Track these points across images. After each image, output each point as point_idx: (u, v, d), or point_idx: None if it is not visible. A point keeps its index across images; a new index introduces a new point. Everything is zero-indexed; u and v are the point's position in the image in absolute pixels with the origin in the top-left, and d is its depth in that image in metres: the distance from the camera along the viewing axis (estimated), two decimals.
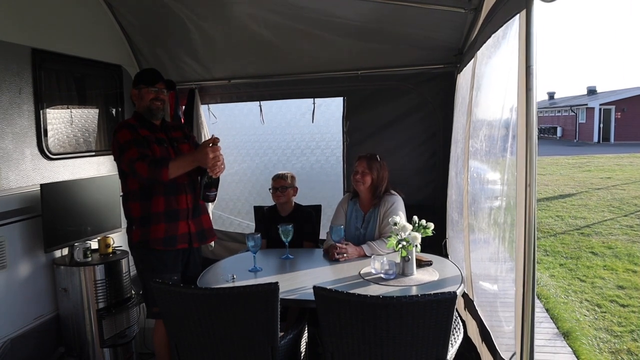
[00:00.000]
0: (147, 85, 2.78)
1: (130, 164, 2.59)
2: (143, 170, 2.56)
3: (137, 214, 2.73)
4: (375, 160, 3.18)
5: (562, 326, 4.20)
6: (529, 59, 1.61)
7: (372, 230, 3.18)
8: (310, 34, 3.77)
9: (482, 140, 2.59)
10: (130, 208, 2.76)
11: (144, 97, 2.78)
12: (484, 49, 2.50)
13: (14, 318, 3.03)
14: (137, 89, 2.80)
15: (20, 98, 3.10)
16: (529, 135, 1.63)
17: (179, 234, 2.75)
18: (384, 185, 3.20)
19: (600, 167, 15.70)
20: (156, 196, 2.71)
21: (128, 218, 2.80)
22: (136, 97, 2.81)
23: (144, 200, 2.72)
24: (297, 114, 4.50)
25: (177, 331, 2.27)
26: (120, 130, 2.69)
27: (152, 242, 2.68)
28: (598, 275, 5.58)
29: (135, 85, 2.82)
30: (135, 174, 2.61)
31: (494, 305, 2.49)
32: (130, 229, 2.77)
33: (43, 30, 3.30)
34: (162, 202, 2.72)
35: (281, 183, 3.44)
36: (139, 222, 2.72)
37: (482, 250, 2.68)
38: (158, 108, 2.80)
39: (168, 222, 2.71)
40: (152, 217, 2.70)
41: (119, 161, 2.72)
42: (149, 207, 2.71)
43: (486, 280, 2.65)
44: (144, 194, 2.72)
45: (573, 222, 8.31)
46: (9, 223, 2.99)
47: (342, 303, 2.01)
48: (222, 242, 4.62)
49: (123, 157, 2.64)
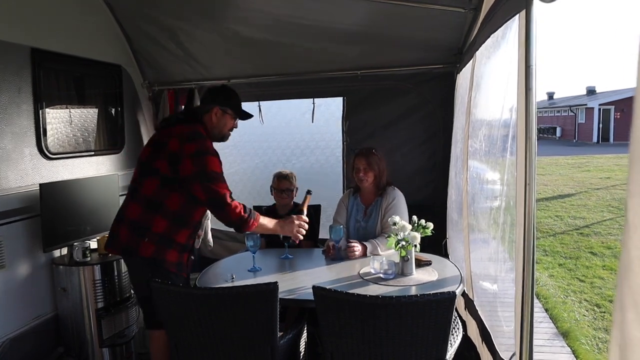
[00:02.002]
0: (235, 115, 2.71)
1: (221, 198, 2.44)
2: (235, 211, 2.46)
3: (158, 231, 2.48)
4: (372, 154, 3.20)
5: (561, 326, 4.20)
6: (528, 59, 1.61)
7: (373, 224, 3.20)
8: (309, 34, 3.77)
9: (482, 140, 2.59)
10: (154, 221, 2.48)
11: (226, 123, 2.69)
12: (483, 49, 2.50)
13: (13, 318, 3.02)
14: (223, 110, 2.65)
15: (20, 97, 3.10)
16: (528, 135, 1.63)
17: (184, 263, 2.65)
18: (385, 176, 3.24)
19: (599, 167, 15.71)
20: (185, 229, 2.57)
21: (142, 228, 2.49)
22: (216, 116, 2.65)
23: (174, 224, 2.52)
24: (296, 114, 4.50)
25: (176, 331, 2.27)
26: (213, 158, 2.48)
27: (166, 264, 2.52)
28: (597, 275, 5.59)
29: (222, 104, 2.66)
30: (218, 208, 2.46)
31: (494, 305, 2.49)
32: (141, 240, 2.48)
33: (42, 29, 3.29)
34: (186, 235, 2.59)
35: (286, 185, 3.45)
36: (157, 239, 2.48)
37: (482, 250, 2.68)
38: (227, 137, 2.77)
39: (180, 252, 2.59)
40: (172, 243, 2.53)
41: (193, 181, 2.44)
42: (173, 233, 2.52)
43: (486, 280, 2.65)
44: (177, 219, 2.52)
45: (572, 222, 8.31)
46: (8, 223, 2.98)
47: (342, 303, 2.01)
48: (222, 241, 4.61)
49: (210, 185, 2.43)
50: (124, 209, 2.61)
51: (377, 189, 3.24)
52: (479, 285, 2.77)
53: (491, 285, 2.57)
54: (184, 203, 2.51)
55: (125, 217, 2.57)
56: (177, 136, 2.48)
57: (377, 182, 3.22)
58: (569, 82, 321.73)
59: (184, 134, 2.48)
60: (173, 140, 2.47)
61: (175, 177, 2.46)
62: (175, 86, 4.41)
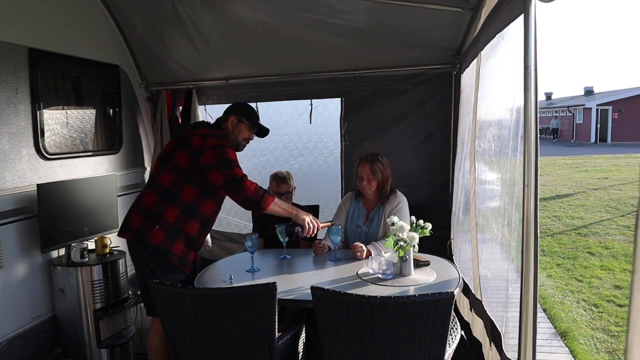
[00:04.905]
0: (250, 124, 2.94)
1: (239, 178, 2.65)
2: (251, 187, 2.66)
3: (170, 219, 2.67)
4: (377, 161, 3.14)
5: (559, 326, 4.21)
6: (527, 59, 1.61)
7: (375, 229, 3.17)
8: (308, 35, 3.77)
9: (490, 140, 2.58)
10: (166, 209, 2.68)
11: (241, 131, 2.92)
12: (489, 49, 2.50)
13: (11, 319, 3.01)
14: (238, 119, 2.91)
15: (17, 98, 3.09)
16: (527, 135, 1.63)
17: (188, 259, 2.79)
18: (390, 183, 3.20)
19: (597, 167, 15.74)
20: (195, 221, 2.74)
21: (154, 214, 2.67)
22: (232, 124, 2.91)
23: (186, 214, 2.70)
24: (294, 115, 4.49)
25: (174, 332, 2.26)
26: (231, 150, 2.75)
27: (171, 255, 2.68)
28: (595, 275, 5.60)
29: (239, 115, 2.92)
30: (235, 189, 2.65)
31: (503, 306, 2.48)
32: (151, 227, 2.66)
33: (40, 29, 3.28)
34: (196, 228, 2.75)
35: (285, 189, 3.44)
36: (168, 227, 2.67)
37: (489, 250, 2.68)
38: (242, 147, 2.98)
39: (188, 246, 2.75)
40: (180, 234, 2.70)
41: (212, 169, 2.65)
42: (184, 224, 2.70)
43: (495, 280, 2.64)
44: (189, 209, 2.71)
45: (570, 222, 8.33)
46: (6, 223, 2.97)
47: (340, 303, 2.01)
48: (220, 242, 4.61)
49: (228, 171, 2.65)
50: (142, 196, 2.81)
51: (380, 196, 3.20)
52: (487, 285, 2.76)
53: (498, 286, 2.56)
54: (197, 194, 2.72)
55: (140, 203, 2.76)
56: (200, 134, 2.77)
57: (381, 189, 3.18)
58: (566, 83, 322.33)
59: (205, 133, 2.79)
60: (196, 138, 2.74)
61: (192, 170, 2.68)
62: (173, 86, 4.40)
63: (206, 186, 2.72)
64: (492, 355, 2.49)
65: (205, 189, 2.73)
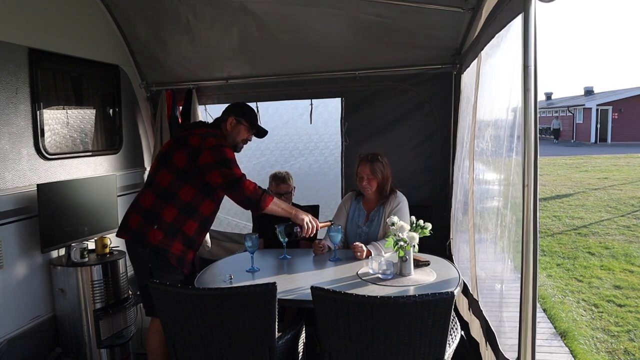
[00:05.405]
0: (249, 126, 2.94)
1: (237, 178, 2.66)
2: (250, 187, 2.66)
3: (168, 219, 2.67)
4: (377, 161, 3.14)
5: (559, 326, 4.21)
6: (526, 59, 1.61)
7: (375, 230, 3.17)
8: (308, 35, 3.77)
9: (488, 140, 2.58)
10: (164, 209, 2.68)
11: (239, 132, 2.93)
12: (489, 49, 2.50)
13: (11, 319, 3.01)
14: (237, 120, 2.90)
15: (17, 98, 3.09)
16: (527, 135, 1.63)
17: (187, 259, 2.79)
18: (390, 183, 3.20)
19: (597, 167, 15.75)
20: (193, 220, 2.74)
21: (152, 214, 2.68)
22: (231, 125, 2.90)
23: (184, 214, 2.70)
24: (294, 115, 4.49)
25: (174, 332, 2.26)
26: (229, 150, 2.75)
27: (169, 255, 2.68)
28: (595, 275, 5.60)
29: (238, 115, 2.91)
30: (234, 188, 2.65)
31: (498, 306, 2.49)
32: (150, 227, 2.66)
33: (40, 29, 3.28)
34: (194, 228, 2.76)
35: (285, 189, 3.44)
36: (166, 227, 2.67)
37: (487, 250, 2.67)
38: (240, 148, 2.98)
39: (186, 246, 2.76)
40: (178, 233, 2.70)
41: (211, 169, 2.65)
42: (182, 223, 2.71)
43: (491, 280, 2.65)
44: (187, 209, 2.71)
45: (570, 222, 8.33)
46: (6, 223, 2.97)
47: (340, 303, 2.01)
48: (220, 242, 4.61)
49: (227, 170, 2.65)
50: (140, 196, 2.80)
51: (380, 196, 3.20)
52: (484, 285, 2.77)
53: (496, 286, 2.56)
54: (195, 194, 2.72)
55: (139, 203, 2.76)
56: (198, 134, 2.75)
57: (381, 189, 3.18)
58: (566, 83, 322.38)
59: (203, 133, 2.77)
60: (194, 137, 2.73)
61: (190, 170, 2.68)
62: (173, 86, 4.40)
63: (205, 186, 2.72)
64: (487, 355, 2.49)
65: (204, 189, 2.73)
